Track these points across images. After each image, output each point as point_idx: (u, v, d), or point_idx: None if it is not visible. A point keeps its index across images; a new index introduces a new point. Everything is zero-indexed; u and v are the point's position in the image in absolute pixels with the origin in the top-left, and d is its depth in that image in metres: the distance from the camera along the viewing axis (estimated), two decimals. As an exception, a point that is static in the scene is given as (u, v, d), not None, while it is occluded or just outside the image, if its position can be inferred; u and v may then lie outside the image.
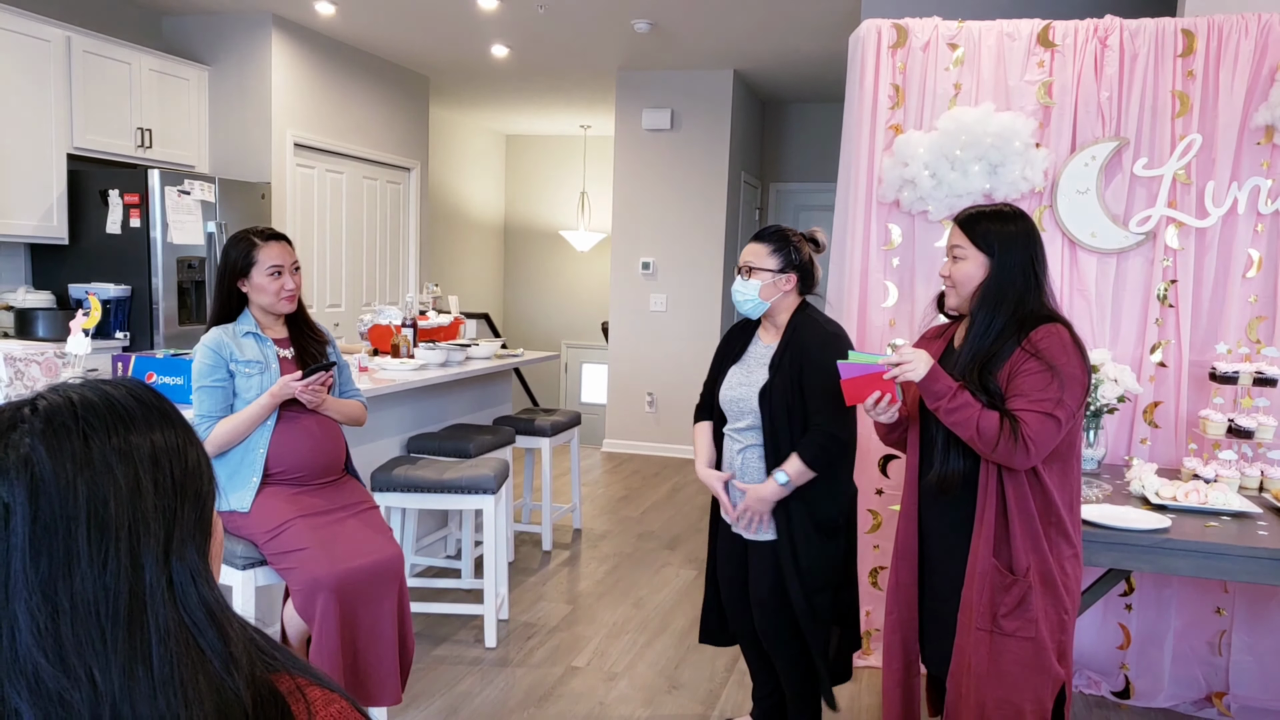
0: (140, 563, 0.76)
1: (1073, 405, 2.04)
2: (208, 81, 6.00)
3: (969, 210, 2.26)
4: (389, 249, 7.47)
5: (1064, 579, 2.11)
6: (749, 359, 2.76)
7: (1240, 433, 3.09)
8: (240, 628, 0.82)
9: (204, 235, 5.40)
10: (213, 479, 0.85)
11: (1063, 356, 2.05)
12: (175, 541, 0.78)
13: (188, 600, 0.78)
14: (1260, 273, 3.32)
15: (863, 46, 3.60)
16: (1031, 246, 2.16)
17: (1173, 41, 3.35)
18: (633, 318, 7.62)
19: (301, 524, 2.58)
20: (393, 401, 4.15)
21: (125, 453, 0.77)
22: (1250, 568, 2.44)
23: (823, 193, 8.40)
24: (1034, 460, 2.04)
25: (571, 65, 7.17)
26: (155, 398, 0.83)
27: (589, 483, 6.60)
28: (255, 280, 2.68)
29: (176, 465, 0.81)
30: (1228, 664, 3.33)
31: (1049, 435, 2.02)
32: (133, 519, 0.76)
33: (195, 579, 0.78)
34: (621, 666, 3.60)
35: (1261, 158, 3.30)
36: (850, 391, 2.24)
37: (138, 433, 0.79)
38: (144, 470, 0.78)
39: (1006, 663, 2.11)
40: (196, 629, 0.77)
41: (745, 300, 2.67)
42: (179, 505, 0.80)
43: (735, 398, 2.71)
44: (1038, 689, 2.11)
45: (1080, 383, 2.05)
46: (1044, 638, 2.10)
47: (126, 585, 0.75)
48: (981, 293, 2.17)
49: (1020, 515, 2.09)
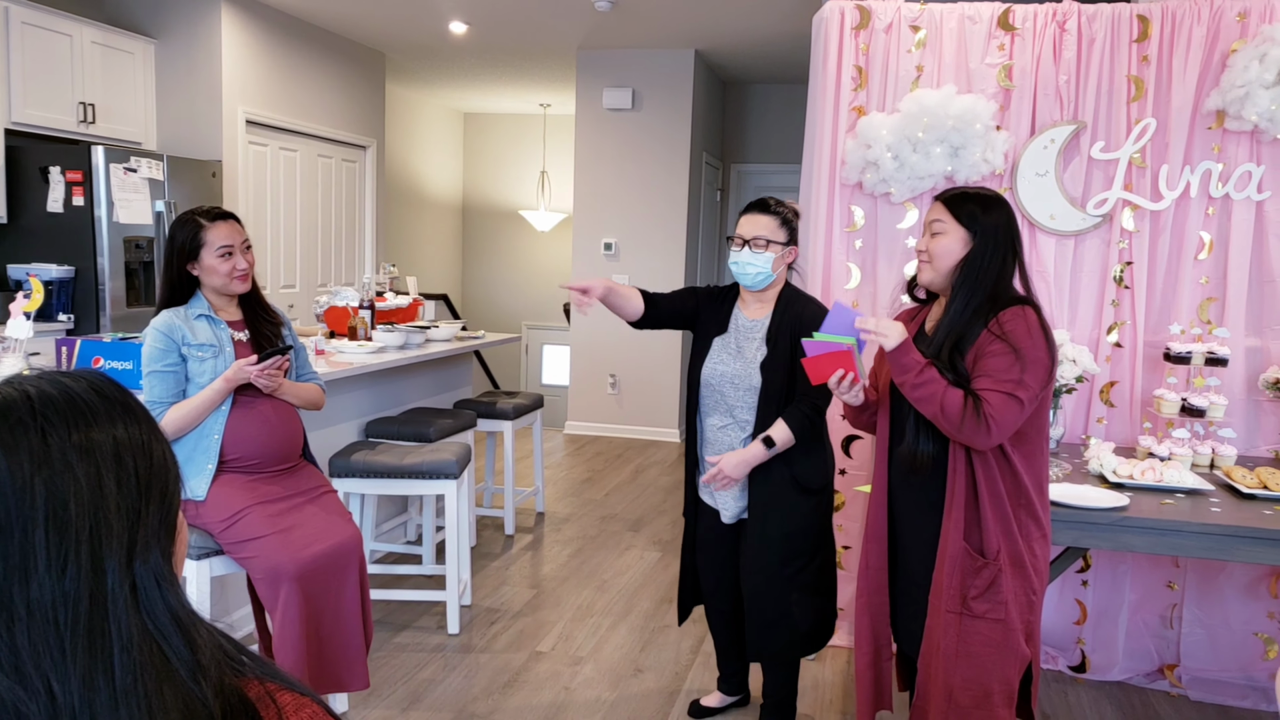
0: (102, 567, 0.72)
1: (1035, 387, 2.05)
2: (154, 55, 5.82)
3: (953, 190, 2.26)
4: (345, 229, 7.35)
5: (1033, 560, 2.13)
6: (734, 332, 2.75)
7: (1193, 411, 3.15)
8: (208, 633, 0.78)
9: (152, 214, 5.26)
10: (178, 477, 0.81)
11: (1027, 339, 2.06)
12: (139, 544, 0.75)
13: (152, 606, 0.74)
14: (1211, 255, 3.38)
15: (826, 28, 3.59)
16: (1012, 229, 2.18)
17: (1128, 26, 3.38)
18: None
19: (259, 512, 2.53)
20: (350, 385, 4.09)
21: (86, 450, 0.74)
22: (1204, 543, 2.50)
23: (783, 174, 8.41)
24: (995, 439, 2.05)
25: (531, 43, 7.08)
26: (118, 391, 0.79)
27: (551, 465, 6.58)
28: (205, 262, 2.61)
29: (141, 462, 0.77)
30: (1179, 637, 3.41)
31: (1011, 415, 2.04)
32: (94, 520, 0.72)
33: (160, 583, 0.75)
34: (586, 650, 3.60)
35: (1213, 142, 3.35)
36: (814, 370, 2.26)
37: (99, 428, 0.75)
38: (106, 468, 0.74)
39: (975, 644, 2.13)
40: (161, 636, 0.74)
41: (758, 274, 2.66)
42: (143, 505, 0.76)
43: (725, 374, 2.69)
44: (1005, 669, 2.13)
45: (1044, 365, 2.07)
46: (1013, 619, 2.12)
47: (87, 591, 0.71)
48: (963, 270, 2.16)
49: (991, 498, 2.10)
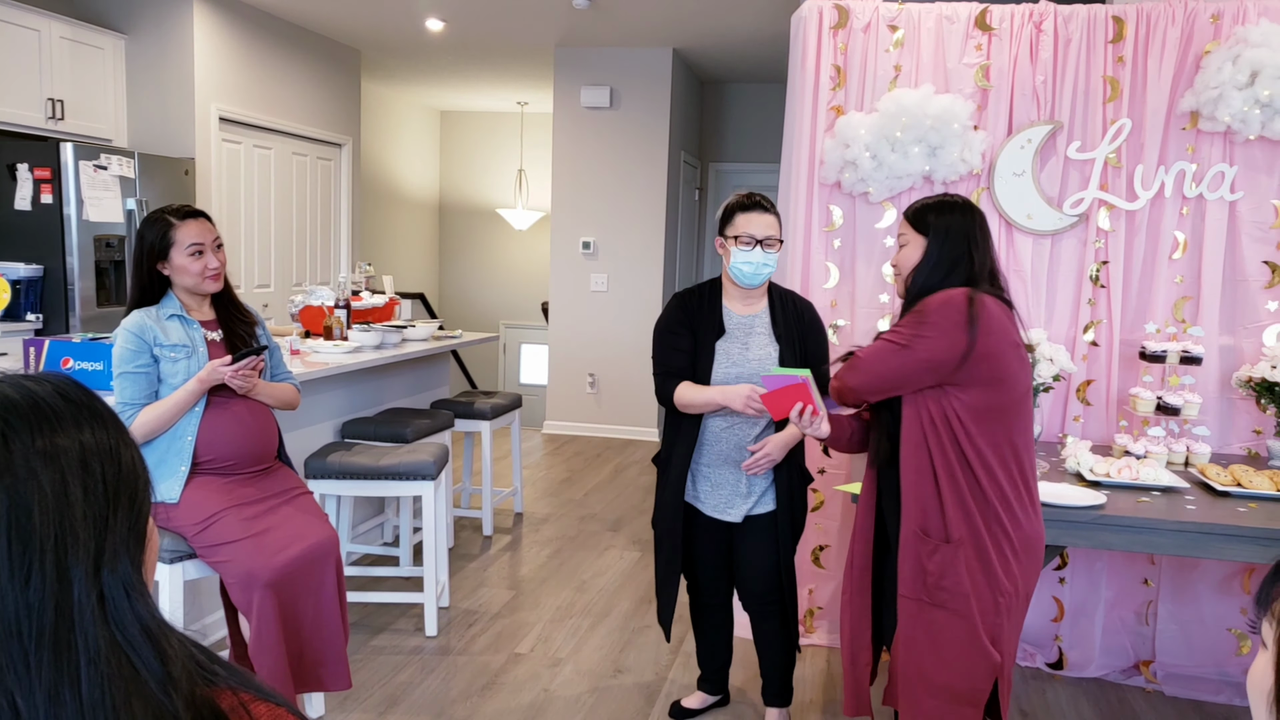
0: (68, 577, 0.70)
1: (910, 334, 2.10)
2: (124, 51, 5.74)
3: (917, 201, 2.28)
4: (320, 227, 7.29)
5: (1002, 562, 2.10)
6: (734, 331, 2.73)
7: (1168, 410, 3.18)
8: (179, 644, 0.76)
9: (123, 212, 5.19)
10: (149, 483, 0.79)
11: (933, 307, 2.10)
12: (107, 553, 0.72)
13: (120, 617, 0.72)
14: (1185, 254, 3.41)
15: (804, 27, 3.59)
16: (970, 233, 2.17)
17: (1104, 27, 3.40)
18: (573, 298, 7.56)
19: (233, 515, 2.50)
20: (326, 385, 4.05)
21: (50, 456, 0.71)
22: (1180, 541, 2.51)
23: (761, 173, 8.41)
24: (861, 379, 2.17)
25: (508, 41, 7.04)
26: (84, 394, 0.77)
27: (530, 465, 6.55)
28: (176, 262, 2.56)
29: (109, 468, 0.74)
30: (1154, 633, 3.44)
31: (878, 357, 2.14)
32: (59, 529, 0.70)
33: (129, 593, 0.73)
34: (566, 652, 3.58)
35: (1187, 142, 3.38)
36: (773, 405, 2.33)
37: (64, 434, 0.73)
38: (72, 475, 0.72)
39: (937, 636, 2.13)
40: (131, 648, 0.71)
41: (768, 273, 2.68)
42: (111, 513, 0.74)
43: (741, 375, 2.67)
44: (970, 668, 2.11)
45: (928, 323, 2.08)
46: (974, 614, 2.09)
47: (52, 602, 0.69)
48: (915, 272, 2.20)
49: (949, 485, 2.10)
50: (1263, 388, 3.15)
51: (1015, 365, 2.11)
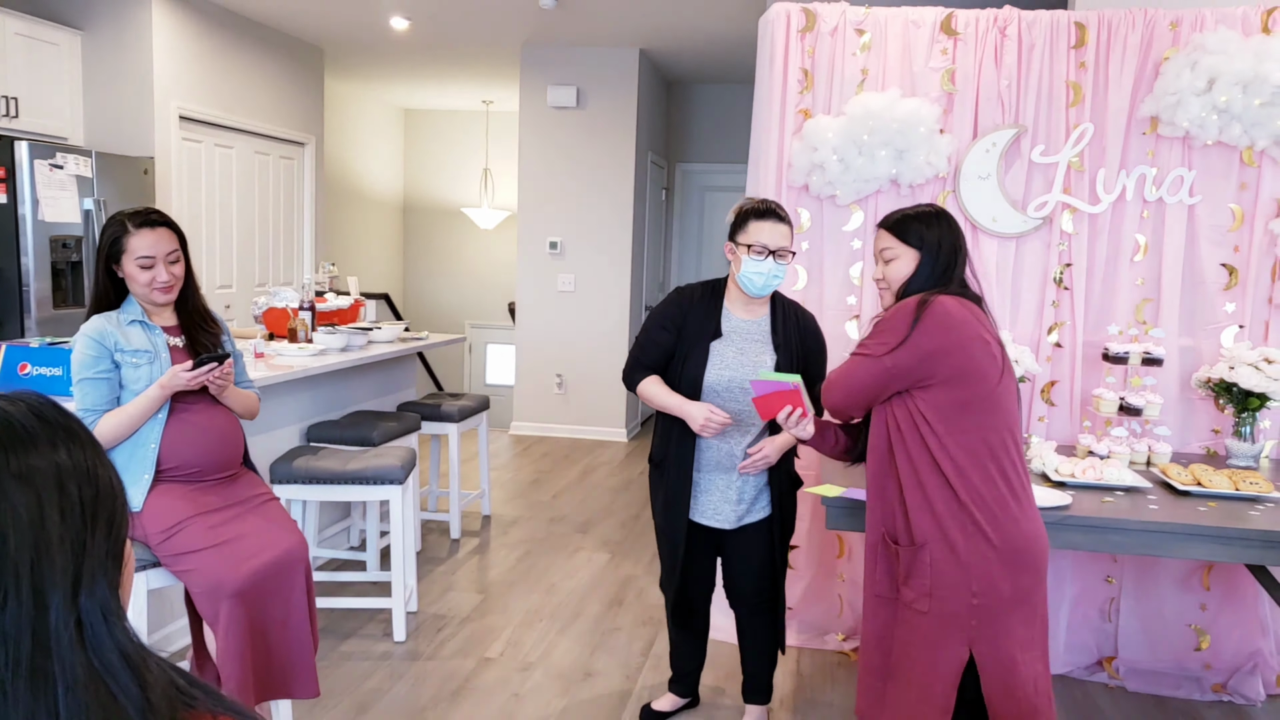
0: (45, 602, 0.68)
1: (875, 346, 2.12)
2: (80, 47, 5.62)
3: (894, 214, 2.28)
4: (283, 227, 7.20)
5: (979, 564, 2.07)
6: (732, 335, 2.72)
7: (1130, 410, 3.23)
8: (158, 668, 0.74)
9: (80, 212, 5.08)
10: (125, 503, 0.77)
11: (894, 313, 2.14)
12: (85, 576, 0.71)
13: (99, 643, 0.70)
14: (1146, 257, 3.47)
15: (772, 30, 3.60)
16: (955, 244, 2.21)
17: (1066, 33, 3.45)
18: (540, 298, 7.54)
19: (199, 523, 2.45)
20: (291, 389, 4.00)
21: (25, 477, 0.69)
22: (1144, 541, 2.55)
23: (727, 173, 8.44)
24: (837, 397, 2.21)
25: (474, 40, 7.00)
26: (59, 414, 0.75)
27: (497, 467, 6.52)
28: (126, 269, 2.51)
29: (85, 489, 0.73)
30: (1116, 629, 3.49)
31: (850, 369, 2.17)
32: (35, 553, 0.68)
33: (107, 617, 0.71)
34: (536, 656, 3.56)
35: (1147, 147, 3.43)
36: (763, 407, 2.37)
37: (39, 454, 0.71)
38: (47, 497, 0.70)
39: (902, 633, 2.14)
40: (109, 674, 0.70)
41: (777, 283, 2.68)
42: (89, 535, 0.72)
43: (734, 379, 2.68)
44: (929, 665, 2.11)
45: (896, 331, 2.10)
46: (939, 613, 2.09)
47: (29, 628, 0.67)
48: (908, 286, 2.22)
49: (914, 490, 2.11)
50: (1221, 388, 3.21)
51: (983, 360, 2.08)
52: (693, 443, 2.73)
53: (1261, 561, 2.57)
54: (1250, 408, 3.17)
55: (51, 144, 5.04)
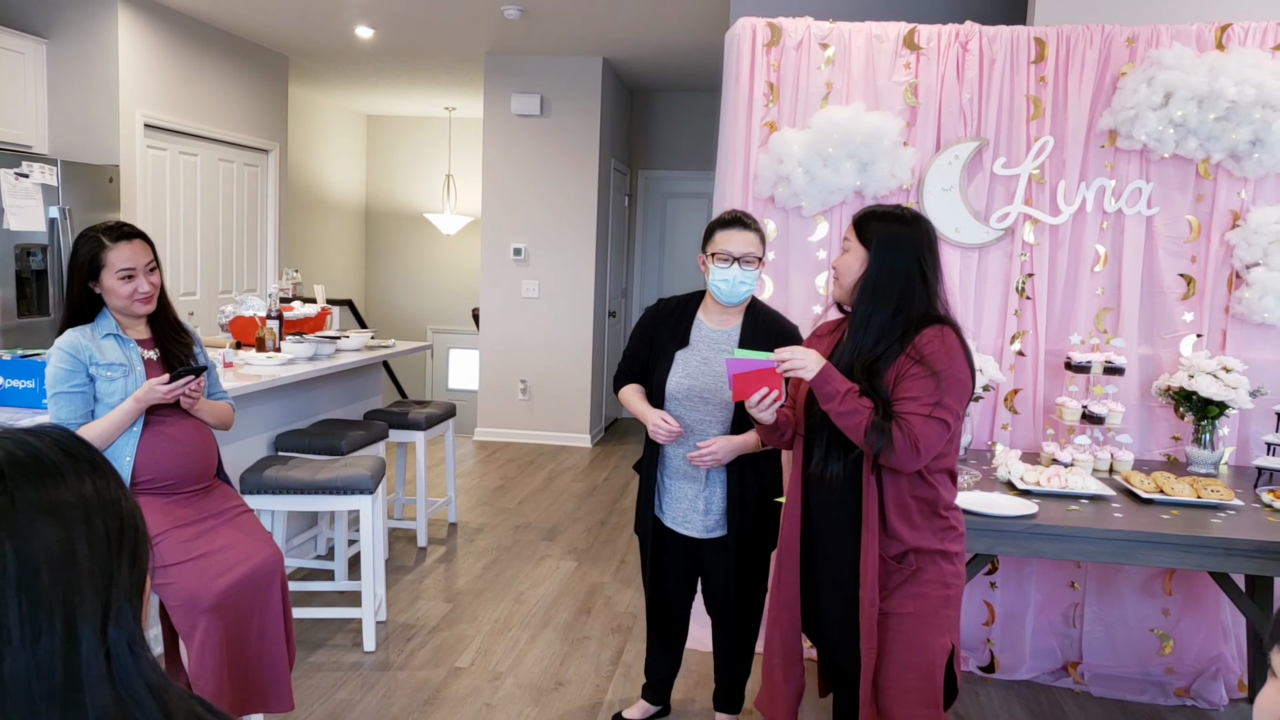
0: (76, 636, 0.68)
1: (957, 407, 2.10)
2: (46, 56, 5.53)
3: (867, 208, 2.30)
4: (246, 234, 7.11)
5: (950, 561, 2.18)
6: (698, 344, 2.76)
7: (1092, 418, 3.30)
8: (180, 698, 0.75)
9: (45, 221, 5.00)
10: (146, 534, 0.78)
11: (945, 360, 2.09)
12: (112, 608, 0.71)
13: (125, 675, 0.70)
14: (1106, 267, 3.55)
15: (738, 44, 3.64)
16: (919, 249, 2.18)
17: (1026, 48, 3.52)
18: (505, 304, 7.53)
19: (173, 537, 2.43)
20: (259, 398, 3.96)
21: (54, 512, 0.69)
22: (1109, 548, 2.61)
23: (690, 180, 8.50)
24: (921, 461, 2.08)
25: (438, 48, 6.98)
26: (83, 447, 0.75)
27: (462, 474, 6.49)
28: (106, 283, 2.50)
29: (110, 521, 0.73)
30: (1081, 635, 3.56)
31: (934, 437, 2.07)
32: (66, 587, 0.68)
33: (133, 648, 0.71)
34: (506, 665, 3.56)
35: (1106, 160, 3.52)
36: (739, 387, 2.27)
37: (67, 488, 0.71)
38: (75, 531, 0.70)
39: (897, 644, 2.17)
40: (136, 705, 0.70)
41: (747, 291, 2.69)
42: (115, 567, 0.72)
43: (694, 387, 2.71)
44: (928, 664, 2.16)
45: (964, 385, 2.12)
46: (925, 613, 2.15)
47: (60, 661, 0.67)
48: (860, 286, 2.22)
49: (898, 508, 2.14)
50: (1181, 396, 3.29)
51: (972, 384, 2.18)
52: (657, 448, 2.80)
53: (1224, 568, 2.64)
54: (1210, 415, 3.26)
55: (16, 153, 4.96)
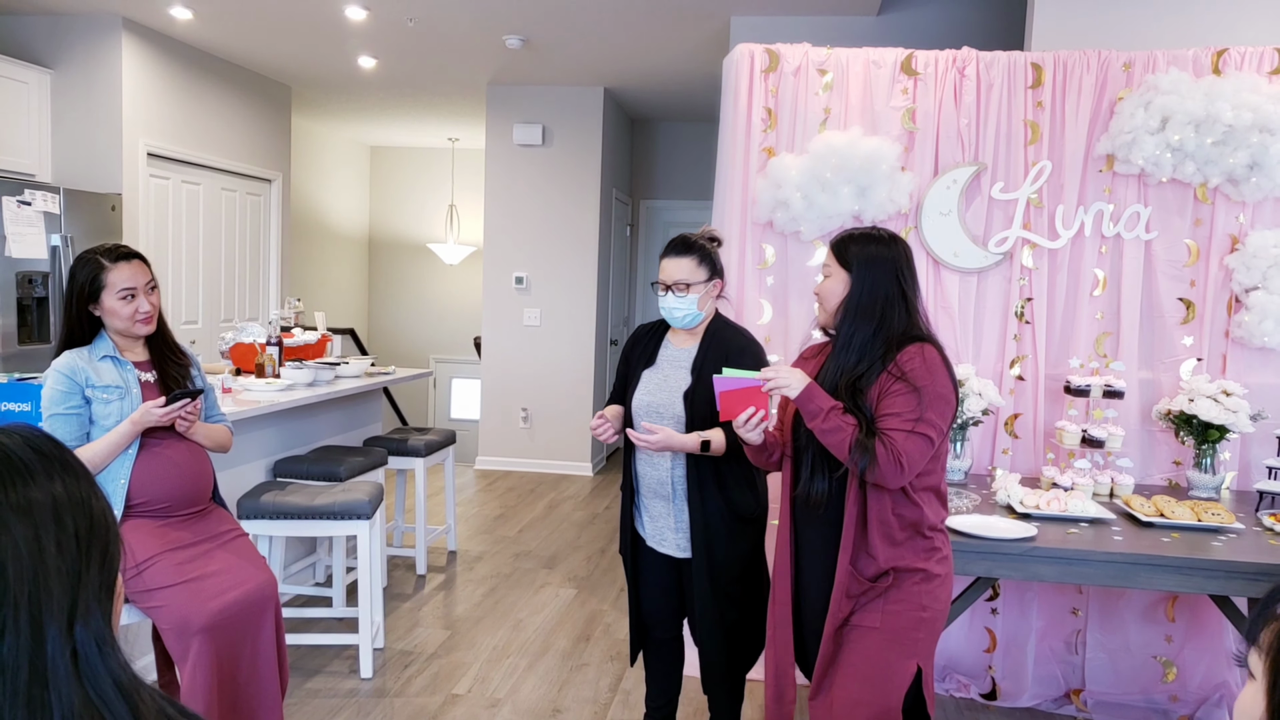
0: (42, 634, 0.68)
1: (939, 422, 2.10)
2: (50, 85, 5.59)
3: (842, 232, 2.32)
4: (249, 263, 7.14)
5: (929, 583, 2.15)
6: (662, 363, 2.79)
7: (1092, 442, 3.28)
8: (150, 698, 0.74)
9: (47, 248, 5.03)
10: (119, 534, 0.77)
11: (926, 376, 2.10)
12: (80, 607, 0.70)
13: (94, 673, 0.70)
14: (1105, 291, 3.55)
15: (736, 70, 3.67)
16: (897, 267, 2.19)
17: (1024, 73, 3.54)
18: (507, 333, 7.54)
19: (167, 559, 2.42)
20: (258, 424, 3.95)
21: (23, 510, 0.69)
22: (1109, 572, 2.59)
23: (691, 209, 8.52)
24: (906, 478, 2.08)
25: (441, 79, 7.04)
26: (54, 446, 0.75)
27: (463, 502, 6.47)
28: (107, 304, 2.51)
29: (80, 521, 0.72)
30: (1083, 661, 3.52)
31: (918, 451, 2.07)
32: (33, 585, 0.68)
33: (101, 647, 0.70)
34: (504, 692, 3.52)
35: (1104, 184, 3.52)
36: (726, 406, 2.26)
37: (37, 486, 0.71)
38: (45, 529, 0.70)
39: (856, 659, 2.15)
40: (104, 704, 0.69)
41: (684, 315, 2.70)
42: (84, 566, 0.72)
43: (652, 404, 2.72)
44: (890, 684, 2.14)
45: (946, 400, 2.12)
46: (898, 632, 2.13)
47: (26, 659, 0.66)
48: (843, 308, 2.23)
49: (879, 525, 2.13)
50: (1181, 420, 3.28)
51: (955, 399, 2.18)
52: (631, 467, 2.82)
53: (1225, 592, 2.61)
54: (1210, 439, 3.24)
55: (19, 181, 5.00)
